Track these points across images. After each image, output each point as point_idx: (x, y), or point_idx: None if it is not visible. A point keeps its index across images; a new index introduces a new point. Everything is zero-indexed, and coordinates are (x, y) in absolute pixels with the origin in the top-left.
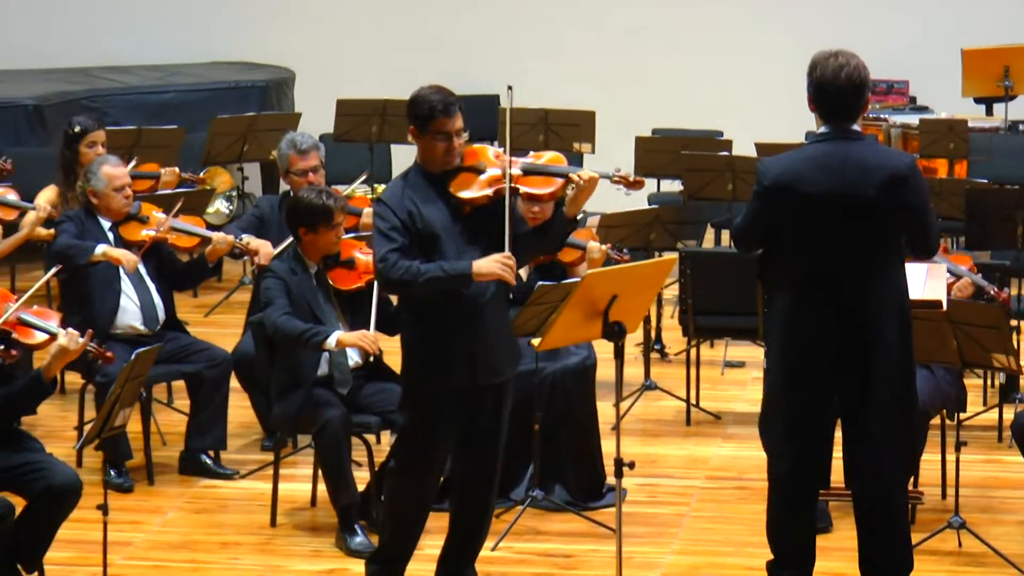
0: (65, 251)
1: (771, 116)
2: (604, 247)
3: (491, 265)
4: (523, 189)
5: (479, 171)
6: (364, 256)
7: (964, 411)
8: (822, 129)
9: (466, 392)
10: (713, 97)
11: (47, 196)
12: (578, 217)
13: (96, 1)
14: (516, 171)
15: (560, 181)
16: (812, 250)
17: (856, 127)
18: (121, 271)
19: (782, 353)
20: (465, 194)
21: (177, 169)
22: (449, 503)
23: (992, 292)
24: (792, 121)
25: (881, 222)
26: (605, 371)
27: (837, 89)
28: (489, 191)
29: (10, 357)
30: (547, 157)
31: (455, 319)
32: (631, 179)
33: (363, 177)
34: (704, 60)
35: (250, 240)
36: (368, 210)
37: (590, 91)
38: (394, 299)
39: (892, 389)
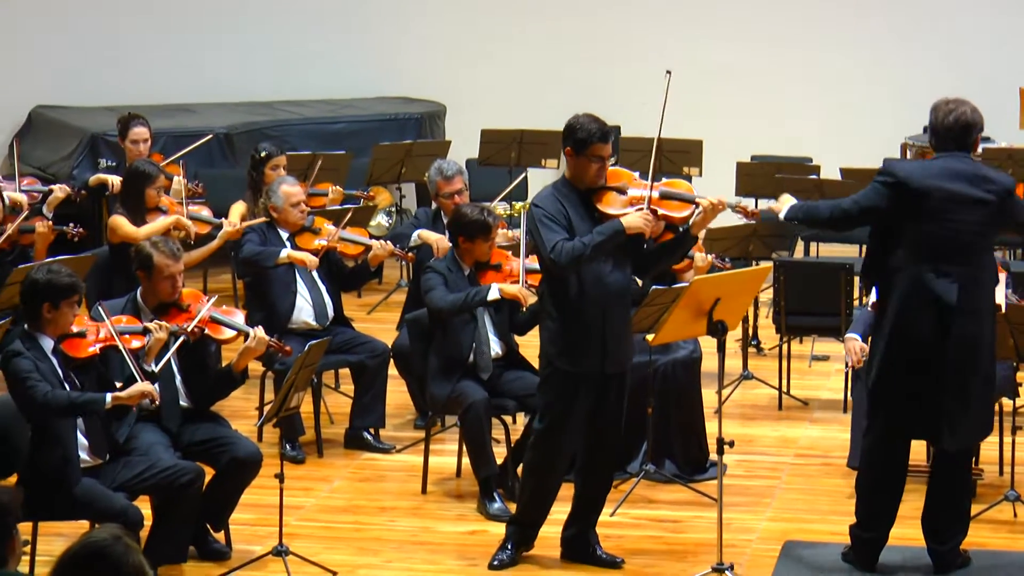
0: (254, 257)
1: (854, 144)
2: (709, 257)
3: (638, 220)
4: (660, 211)
5: (622, 191)
6: (507, 265)
7: (1020, 398)
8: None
9: (595, 378)
10: (804, 128)
11: (239, 210)
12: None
13: (279, 43)
14: (655, 194)
15: (692, 206)
16: (929, 245)
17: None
18: (297, 275)
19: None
20: (610, 210)
21: (340, 188)
22: (574, 475)
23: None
24: (872, 147)
25: (991, 221)
26: (709, 363)
27: (947, 129)
28: (631, 209)
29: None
30: (679, 184)
31: (590, 313)
32: (749, 210)
33: (516, 181)
34: (796, 95)
35: (428, 235)
36: (503, 232)
37: (698, 122)
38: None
39: (984, 368)
